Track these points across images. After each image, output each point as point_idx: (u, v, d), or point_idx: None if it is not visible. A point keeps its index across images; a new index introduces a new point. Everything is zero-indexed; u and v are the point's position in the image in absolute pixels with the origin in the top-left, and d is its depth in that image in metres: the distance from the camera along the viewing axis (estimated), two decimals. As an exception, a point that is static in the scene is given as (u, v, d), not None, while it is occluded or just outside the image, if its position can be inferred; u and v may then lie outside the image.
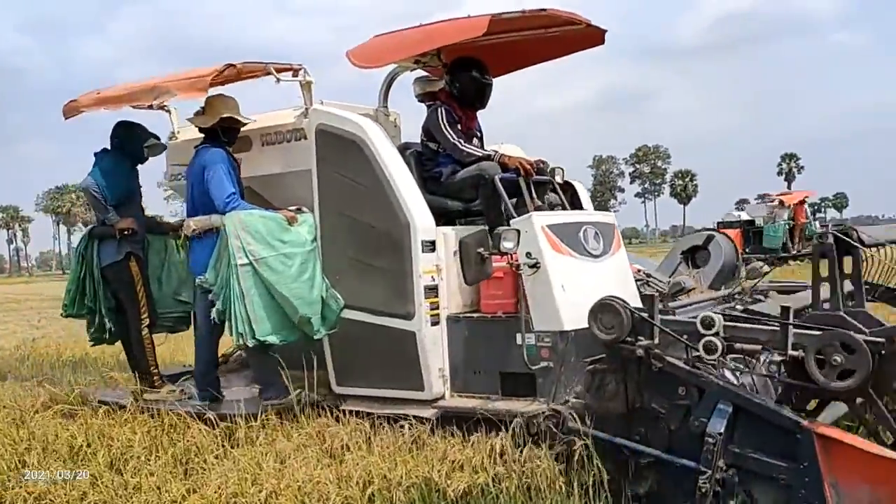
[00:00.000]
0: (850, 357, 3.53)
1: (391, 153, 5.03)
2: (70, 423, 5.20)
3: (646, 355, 3.94)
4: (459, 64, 5.62)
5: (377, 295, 5.01)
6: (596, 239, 4.96)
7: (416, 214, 4.87)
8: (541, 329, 4.55)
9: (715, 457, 3.63)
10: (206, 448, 4.68)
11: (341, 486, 4.01)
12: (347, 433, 4.71)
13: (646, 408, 4.02)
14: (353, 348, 5.15)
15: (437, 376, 4.87)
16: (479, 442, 4.28)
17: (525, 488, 4.08)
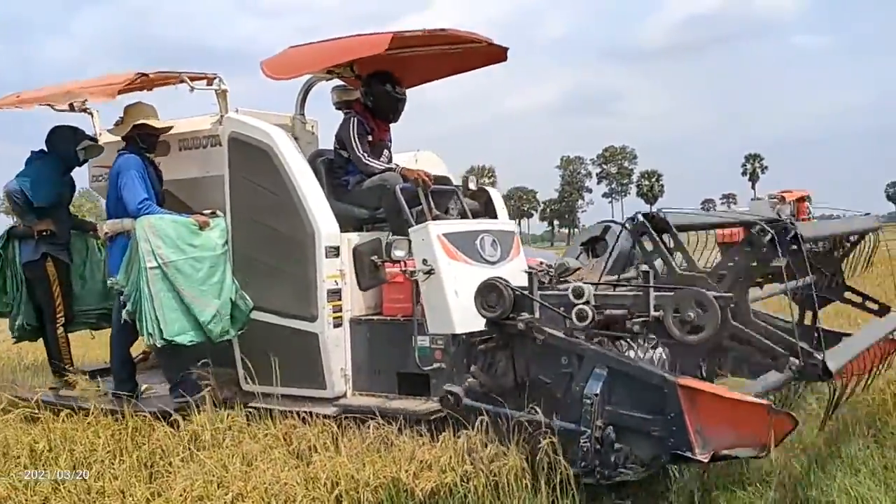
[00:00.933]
0: (703, 313, 3.77)
1: (298, 162, 5.28)
2: (32, 428, 5.11)
3: (527, 329, 4.17)
4: (374, 78, 5.84)
5: (284, 298, 5.27)
6: (493, 246, 5.19)
7: (321, 221, 5.13)
8: (434, 332, 4.82)
9: (593, 417, 3.88)
10: (172, 451, 4.64)
11: (308, 487, 3.99)
12: (315, 434, 4.69)
13: (534, 380, 4.23)
14: (260, 348, 5.33)
15: (339, 376, 5.14)
16: (446, 441, 4.28)
17: (493, 486, 4.09)
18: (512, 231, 5.57)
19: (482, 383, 4.38)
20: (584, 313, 4.03)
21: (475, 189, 6.15)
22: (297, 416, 4.86)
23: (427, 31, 5.45)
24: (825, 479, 4.24)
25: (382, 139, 5.95)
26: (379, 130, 5.89)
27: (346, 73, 6.24)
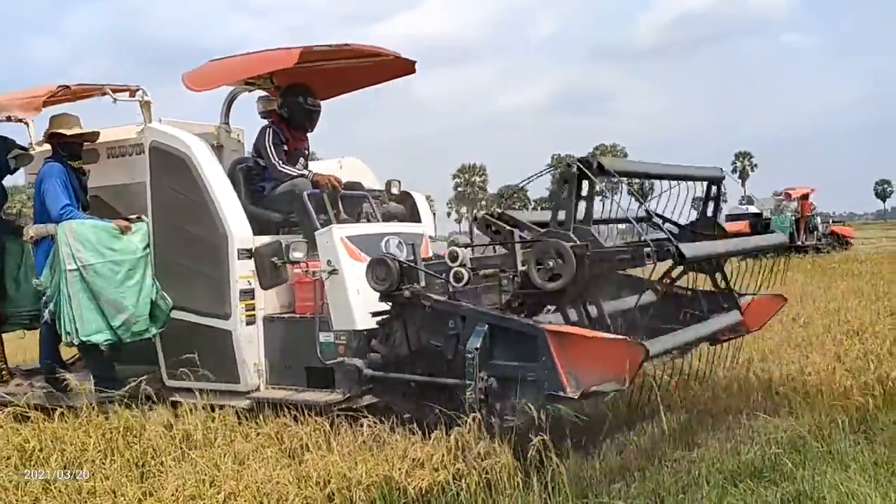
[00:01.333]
0: (560, 263, 4.18)
1: (214, 169, 5.65)
2: (22, 428, 5.09)
3: (413, 297, 4.56)
4: (289, 90, 6.25)
5: (201, 297, 5.63)
6: (399, 248, 5.58)
7: (234, 225, 5.50)
8: (338, 328, 5.18)
9: (476, 370, 4.28)
10: (164, 450, 4.63)
11: (301, 486, 3.99)
12: (306, 433, 4.70)
13: (426, 345, 4.61)
14: (180, 345, 5.67)
15: (252, 371, 5.50)
16: (439, 438, 4.29)
17: (485, 484, 4.10)
18: (421, 233, 6.04)
19: (383, 355, 4.75)
20: (461, 274, 4.48)
21: (398, 193, 6.56)
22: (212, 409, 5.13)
23: (334, 45, 5.85)
24: (815, 475, 4.26)
25: (298, 148, 6.30)
26: (294, 140, 6.25)
27: (266, 85, 6.60)
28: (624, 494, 4.16)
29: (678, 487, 4.27)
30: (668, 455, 4.89)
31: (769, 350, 6.83)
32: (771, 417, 5.36)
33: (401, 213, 6.54)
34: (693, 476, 4.43)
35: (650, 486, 4.31)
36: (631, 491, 4.21)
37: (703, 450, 4.93)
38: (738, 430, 5.38)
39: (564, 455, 4.67)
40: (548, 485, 3.99)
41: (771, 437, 4.92)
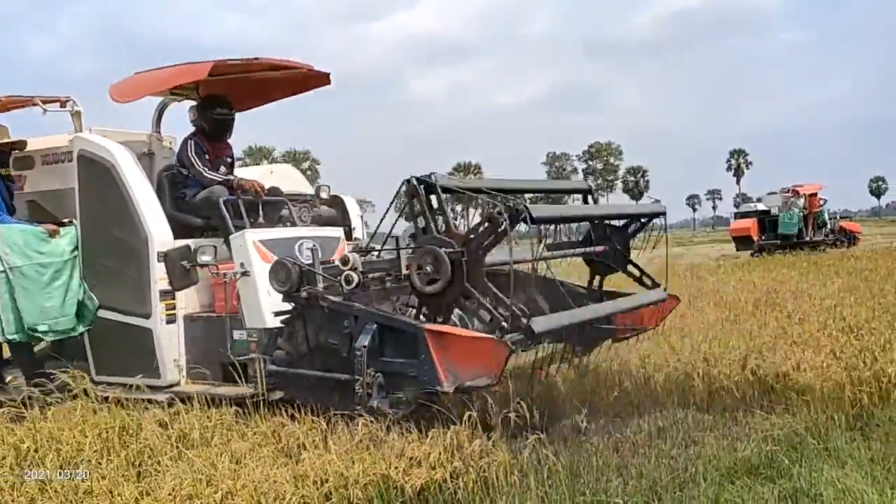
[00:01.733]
0: (437, 268, 4.56)
1: (137, 176, 5.99)
2: (17, 428, 5.07)
3: (311, 298, 4.93)
4: (202, 103, 6.64)
5: (125, 297, 5.95)
6: (312, 251, 5.85)
7: (154, 229, 5.84)
8: (250, 326, 5.53)
9: (364, 366, 4.64)
10: (160, 450, 4.61)
11: (298, 485, 3.97)
12: (303, 432, 4.70)
13: (325, 343, 4.96)
14: (106, 343, 6.08)
15: (172, 366, 5.82)
16: (436, 437, 4.29)
17: (482, 482, 4.10)
18: (336, 237, 6.44)
19: (287, 351, 5.12)
20: (351, 278, 4.86)
21: (327, 198, 6.93)
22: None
23: (243, 59, 6.30)
24: (812, 471, 4.27)
25: (220, 156, 6.69)
26: (215, 149, 6.63)
27: (192, 96, 6.94)
28: (621, 491, 4.16)
29: (675, 484, 4.27)
30: (665, 452, 4.90)
31: (766, 347, 6.84)
32: (767, 414, 5.37)
33: (332, 216, 6.91)
34: (690, 473, 4.44)
35: (647, 483, 4.31)
36: (628, 488, 4.22)
37: (699, 447, 4.94)
38: (735, 427, 5.39)
39: (561, 452, 4.70)
40: (544, 482, 3.99)
41: (767, 434, 4.93)
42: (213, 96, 6.65)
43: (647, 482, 4.31)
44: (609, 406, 6.42)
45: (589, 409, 6.43)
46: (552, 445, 4.72)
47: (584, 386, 6.54)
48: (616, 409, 6.36)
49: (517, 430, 5.45)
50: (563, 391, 6.51)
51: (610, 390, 6.50)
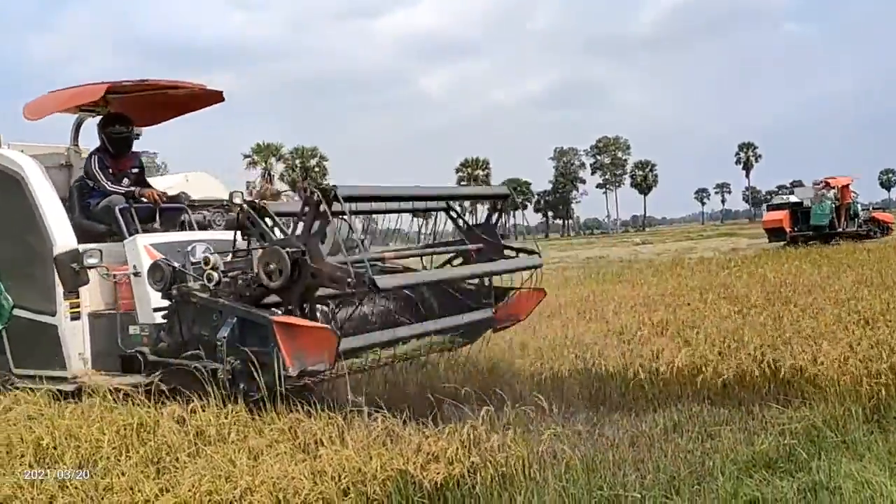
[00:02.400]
0: (279, 264, 5.08)
1: (43, 186, 6.50)
2: (36, 425, 5.09)
3: (182, 295, 5.50)
4: (102, 121, 7.21)
5: (35, 297, 6.44)
6: (206, 253, 6.04)
7: (58, 235, 6.32)
8: (142, 322, 5.97)
9: (224, 354, 5.17)
10: (178, 447, 4.62)
11: (316, 481, 3.98)
12: (320, 427, 4.70)
13: (197, 335, 5.45)
14: (22, 339, 6.61)
15: (76, 359, 6.24)
16: (453, 432, 4.30)
17: (500, 477, 4.10)
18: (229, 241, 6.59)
19: (168, 343, 5.62)
20: (212, 276, 5.38)
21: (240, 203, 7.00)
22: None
23: (134, 81, 7.02)
24: (831, 464, 4.26)
25: (123, 169, 7.18)
26: (117, 163, 7.15)
27: (102, 111, 7.41)
28: (639, 486, 4.16)
29: (693, 478, 4.27)
30: (682, 446, 4.89)
31: (781, 341, 6.81)
32: (784, 408, 5.36)
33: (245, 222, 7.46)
34: (707, 467, 4.43)
35: (665, 477, 4.31)
36: (646, 482, 4.21)
37: (716, 441, 4.94)
38: (752, 421, 5.38)
39: (577, 446, 4.70)
40: (561, 477, 3.99)
41: (785, 428, 4.92)
42: (112, 115, 7.26)
43: (665, 476, 4.31)
44: (622, 400, 6.43)
45: (601, 404, 6.46)
46: (568, 440, 4.73)
47: (592, 379, 6.57)
48: (628, 404, 6.37)
49: (533, 423, 5.47)
50: (572, 384, 6.54)
51: (622, 384, 6.52)
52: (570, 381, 6.60)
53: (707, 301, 9.94)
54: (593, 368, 6.64)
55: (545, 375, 6.69)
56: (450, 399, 6.68)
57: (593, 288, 13.14)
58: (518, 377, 6.80)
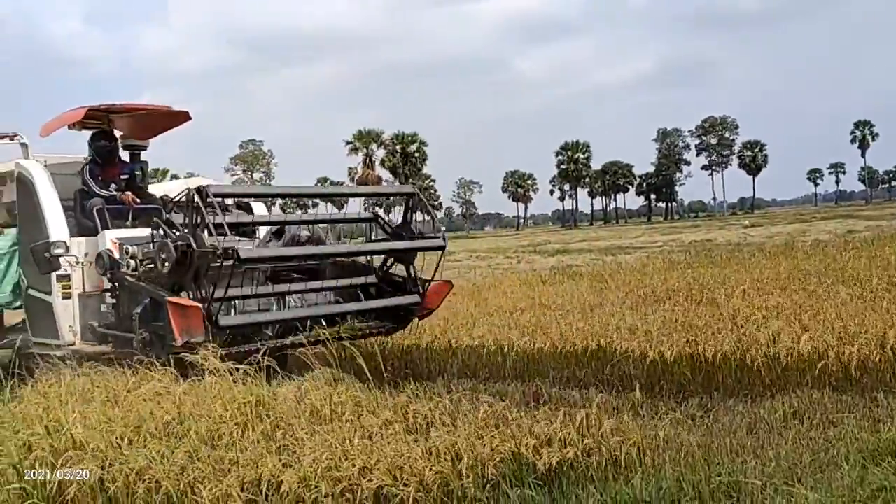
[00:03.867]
0: (166, 254, 6.32)
1: (47, 190, 7.85)
2: (163, 401, 5.33)
3: (115, 279, 7.01)
4: (91, 137, 8.55)
5: (41, 280, 7.77)
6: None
7: (53, 230, 7.66)
8: (109, 301, 7.31)
9: (136, 326, 6.55)
10: (295, 424, 4.76)
11: (431, 461, 4.03)
12: (430, 409, 4.76)
13: (132, 314, 6.68)
14: (34, 313, 8.07)
15: (67, 331, 7.60)
16: (566, 416, 4.28)
17: (614, 461, 4.06)
18: None
19: (115, 319, 7.08)
20: (130, 264, 6.77)
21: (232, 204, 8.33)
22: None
23: (108, 104, 8.52)
24: None
25: (111, 176, 8.48)
26: (105, 171, 8.44)
27: (105, 126, 8.74)
28: (759, 473, 4.04)
29: (815, 466, 4.13)
30: (803, 433, 4.74)
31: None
32: (912, 395, 5.12)
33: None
34: (831, 455, 4.28)
35: (786, 464, 4.18)
36: (767, 469, 4.09)
37: (839, 428, 4.76)
38: (876, 409, 5.16)
39: (692, 432, 4.60)
40: (680, 462, 3.92)
41: (913, 415, 4.70)
42: (98, 132, 8.59)
43: (786, 464, 4.18)
44: (736, 386, 6.27)
45: (715, 389, 6.31)
46: (683, 425, 4.65)
47: (704, 363, 6.42)
48: (744, 389, 6.21)
49: (643, 408, 5.40)
50: (683, 368, 6.42)
51: (737, 369, 6.35)
52: (681, 366, 6.47)
53: (825, 285, 9.53)
54: (706, 353, 6.47)
55: (655, 359, 6.59)
56: (559, 383, 6.69)
57: (702, 272, 12.79)
58: (627, 361, 6.72)
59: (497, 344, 7.82)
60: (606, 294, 10.80)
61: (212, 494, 3.85)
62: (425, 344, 8.33)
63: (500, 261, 29.34)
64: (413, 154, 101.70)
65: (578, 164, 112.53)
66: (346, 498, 3.82)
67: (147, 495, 4.01)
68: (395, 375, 7.59)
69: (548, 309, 9.67)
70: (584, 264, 20.93)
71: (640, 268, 15.32)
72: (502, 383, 7.15)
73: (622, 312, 8.66)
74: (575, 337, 7.47)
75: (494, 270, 22.25)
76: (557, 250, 33.70)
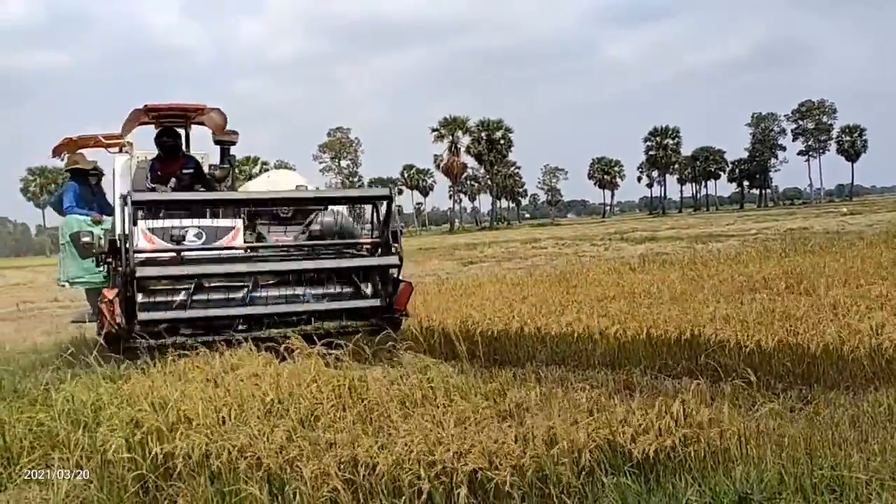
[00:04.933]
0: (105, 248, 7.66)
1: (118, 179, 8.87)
2: (261, 382, 5.49)
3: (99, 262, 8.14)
4: (156, 135, 9.11)
5: None
6: (197, 236, 7.94)
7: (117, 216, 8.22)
8: None
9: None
10: (388, 407, 4.84)
11: (525, 446, 4.04)
12: (523, 395, 4.77)
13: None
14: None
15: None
16: (662, 405, 4.23)
17: (712, 451, 3.99)
18: (229, 227, 8.21)
19: None
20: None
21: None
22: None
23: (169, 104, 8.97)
24: None
25: (170, 171, 9.00)
26: (165, 166, 9.02)
27: (178, 124, 9.33)
28: (863, 467, 3.90)
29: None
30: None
31: None
32: None
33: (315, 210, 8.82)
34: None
35: (892, 459, 4.02)
36: (871, 464, 3.95)
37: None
38: None
39: (793, 423, 4.48)
40: (781, 455, 3.82)
41: None
42: (162, 129, 9.10)
43: (893, 459, 4.02)
44: (838, 377, 6.07)
45: (815, 381, 6.13)
46: (783, 417, 4.53)
47: (804, 354, 6.23)
48: (845, 381, 6.01)
49: (740, 398, 5.28)
50: (782, 358, 6.24)
51: (838, 361, 6.14)
52: (779, 357, 6.30)
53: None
54: (807, 344, 6.27)
55: (751, 349, 6.43)
56: (651, 372, 6.60)
57: (799, 260, 12.39)
58: (722, 351, 6.58)
59: (587, 331, 7.75)
60: (699, 283, 10.58)
61: (311, 473, 3.94)
62: (514, 330, 8.31)
63: (586, 248, 29.07)
64: (498, 141, 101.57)
65: (667, 149, 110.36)
66: (441, 481, 3.86)
67: (249, 471, 4.14)
68: (483, 362, 7.64)
69: (638, 297, 9.53)
70: (673, 252, 20.55)
71: (734, 256, 14.95)
72: (592, 371, 7.10)
73: (716, 301, 8.47)
74: (667, 325, 7.34)
75: (581, 258, 22.05)
76: (645, 238, 33.17)
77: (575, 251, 27.15)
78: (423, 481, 3.81)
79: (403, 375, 5.64)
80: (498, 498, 3.84)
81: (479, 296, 11.01)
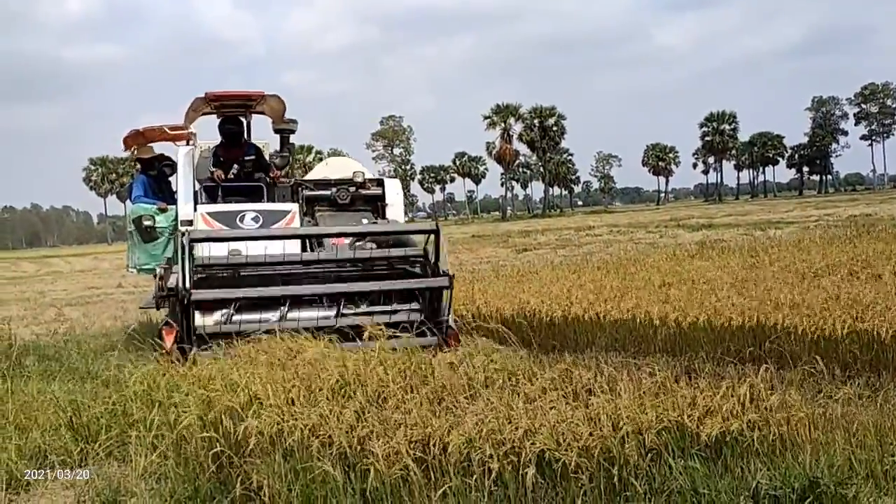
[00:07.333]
0: None
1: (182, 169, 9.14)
2: (327, 364, 5.61)
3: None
4: (219, 122, 9.42)
5: None
6: (254, 220, 8.49)
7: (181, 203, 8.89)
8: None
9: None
10: (456, 389, 4.92)
11: (592, 427, 4.08)
12: (590, 377, 4.80)
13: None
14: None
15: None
16: (729, 388, 4.23)
17: (779, 437, 3.98)
18: (285, 210, 8.74)
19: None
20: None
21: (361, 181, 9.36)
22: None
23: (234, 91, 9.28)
24: None
25: (232, 157, 9.30)
26: (228, 153, 9.30)
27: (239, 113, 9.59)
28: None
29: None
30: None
31: None
32: None
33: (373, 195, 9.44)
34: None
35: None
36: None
37: None
38: None
39: (864, 410, 4.44)
40: (851, 441, 3.80)
41: None
42: (226, 117, 9.38)
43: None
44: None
45: (883, 368, 6.03)
46: (852, 403, 4.49)
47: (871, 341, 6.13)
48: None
49: (804, 384, 5.23)
50: (849, 345, 6.16)
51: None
52: (847, 343, 6.21)
53: None
54: (877, 331, 6.17)
55: (817, 336, 6.35)
56: (714, 358, 6.56)
57: (864, 247, 12.13)
58: (787, 337, 6.51)
59: (647, 317, 7.73)
60: (760, 269, 10.44)
61: (383, 451, 4.03)
62: (572, 316, 8.33)
63: (641, 235, 28.79)
64: (551, 128, 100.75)
65: (724, 135, 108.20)
66: (510, 460, 3.92)
67: (322, 449, 4.24)
68: (543, 347, 7.67)
69: (698, 283, 9.46)
70: (732, 239, 20.26)
71: (796, 243, 14.69)
72: (653, 357, 7.08)
73: (779, 288, 8.36)
74: (730, 312, 7.28)
75: (637, 245, 21.87)
76: (702, 224, 32.69)
77: (630, 238, 26.91)
78: (493, 460, 3.87)
79: (468, 357, 5.72)
80: (565, 478, 3.88)
81: (536, 282, 11.04)
